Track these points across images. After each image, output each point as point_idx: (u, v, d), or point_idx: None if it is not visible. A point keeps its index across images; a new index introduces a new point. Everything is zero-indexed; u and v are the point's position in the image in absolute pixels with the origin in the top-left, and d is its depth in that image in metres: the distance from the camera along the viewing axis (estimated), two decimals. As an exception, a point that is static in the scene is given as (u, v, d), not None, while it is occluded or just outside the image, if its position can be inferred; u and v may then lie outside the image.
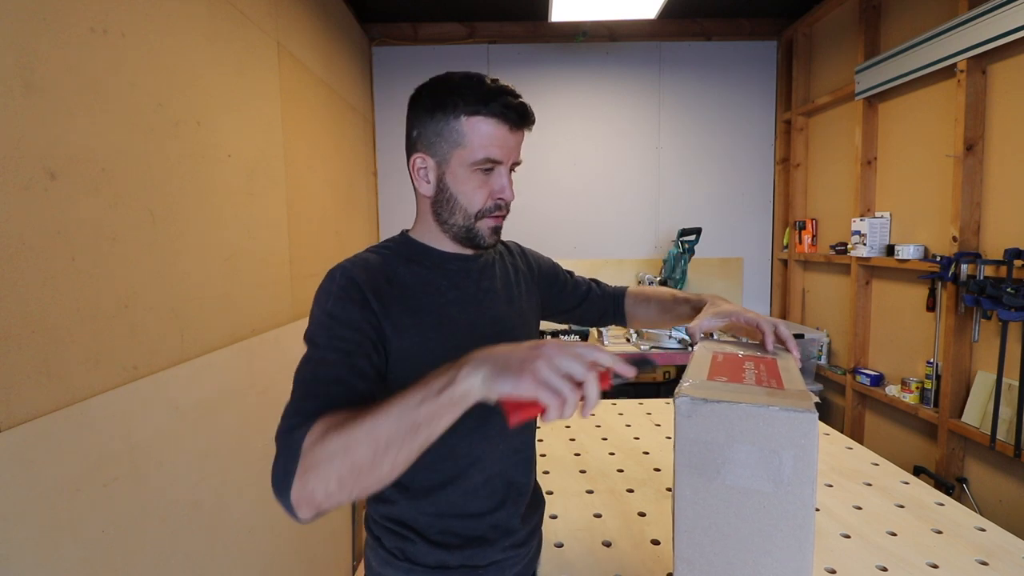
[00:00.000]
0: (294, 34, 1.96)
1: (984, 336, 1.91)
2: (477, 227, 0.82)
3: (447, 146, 0.78)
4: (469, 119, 0.77)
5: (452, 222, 0.82)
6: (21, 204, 0.82)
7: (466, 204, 0.81)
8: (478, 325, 0.85)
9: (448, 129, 0.78)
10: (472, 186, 0.80)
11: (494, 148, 0.77)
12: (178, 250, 1.21)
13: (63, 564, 0.86)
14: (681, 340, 2.77)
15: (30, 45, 0.84)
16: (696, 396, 0.58)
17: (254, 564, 1.48)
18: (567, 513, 1.10)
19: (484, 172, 0.79)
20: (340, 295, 0.75)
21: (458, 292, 0.85)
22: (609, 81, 3.22)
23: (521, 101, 0.78)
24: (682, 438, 0.59)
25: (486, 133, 0.77)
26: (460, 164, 0.78)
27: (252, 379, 1.52)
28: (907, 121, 2.30)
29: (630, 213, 3.29)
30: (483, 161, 0.78)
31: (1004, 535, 0.98)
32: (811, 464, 0.54)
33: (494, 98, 0.76)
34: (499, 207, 0.82)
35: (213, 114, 1.38)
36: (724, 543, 0.59)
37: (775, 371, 0.67)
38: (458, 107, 0.76)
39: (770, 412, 0.55)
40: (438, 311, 0.82)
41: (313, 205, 2.14)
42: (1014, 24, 1.72)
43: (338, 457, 0.58)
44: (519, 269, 1.02)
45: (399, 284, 0.81)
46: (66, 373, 0.89)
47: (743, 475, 0.57)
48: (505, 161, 0.80)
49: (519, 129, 0.80)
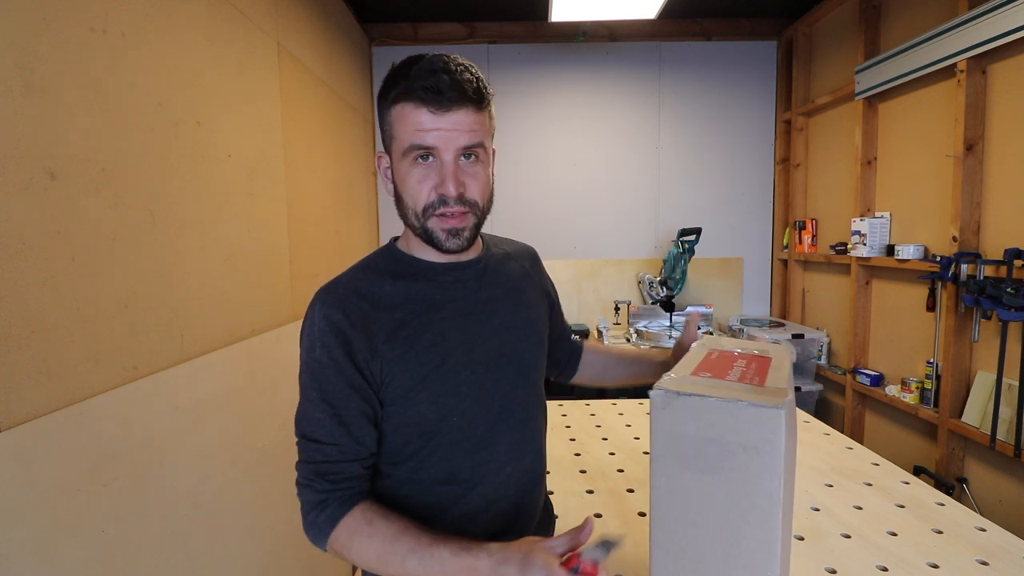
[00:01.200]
0: (294, 34, 1.96)
1: (984, 336, 1.91)
2: (429, 227, 0.74)
3: (388, 140, 0.75)
4: (395, 107, 0.71)
5: (410, 223, 0.77)
6: (21, 204, 0.82)
7: (410, 202, 0.74)
8: (477, 342, 0.79)
9: (385, 121, 0.74)
10: (413, 180, 0.73)
11: (419, 134, 0.70)
12: (178, 250, 1.21)
13: (63, 564, 0.86)
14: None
15: (30, 45, 0.84)
16: (670, 389, 0.60)
17: (254, 564, 1.48)
18: (567, 513, 1.10)
19: (423, 164, 0.72)
20: (323, 341, 0.73)
21: (454, 306, 0.79)
22: (609, 81, 3.22)
23: (448, 76, 0.68)
24: (656, 430, 0.61)
25: (410, 119, 0.70)
26: (398, 157, 0.74)
27: (252, 379, 1.52)
28: (907, 121, 2.30)
29: (630, 213, 3.29)
30: (411, 149, 0.71)
31: (1004, 535, 0.98)
32: (777, 458, 0.55)
33: (415, 79, 0.69)
34: (444, 202, 0.72)
35: (213, 114, 1.38)
36: (695, 532, 0.60)
37: (764, 369, 0.68)
38: (389, 95, 0.72)
39: (738, 407, 0.56)
40: (431, 333, 0.76)
41: (313, 205, 2.14)
42: (1014, 24, 1.72)
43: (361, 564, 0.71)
44: (528, 274, 0.93)
45: (386, 306, 0.76)
46: (66, 373, 0.89)
47: (712, 467, 0.58)
48: (441, 147, 0.71)
49: (451, 109, 0.69)
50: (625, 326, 3.12)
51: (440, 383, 0.76)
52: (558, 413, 1.69)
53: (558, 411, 1.70)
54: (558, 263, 3.29)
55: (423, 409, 0.76)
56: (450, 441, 0.78)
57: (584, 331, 2.98)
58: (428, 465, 0.79)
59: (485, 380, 0.80)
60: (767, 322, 3.14)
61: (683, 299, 3.21)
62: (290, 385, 0.75)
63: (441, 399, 0.76)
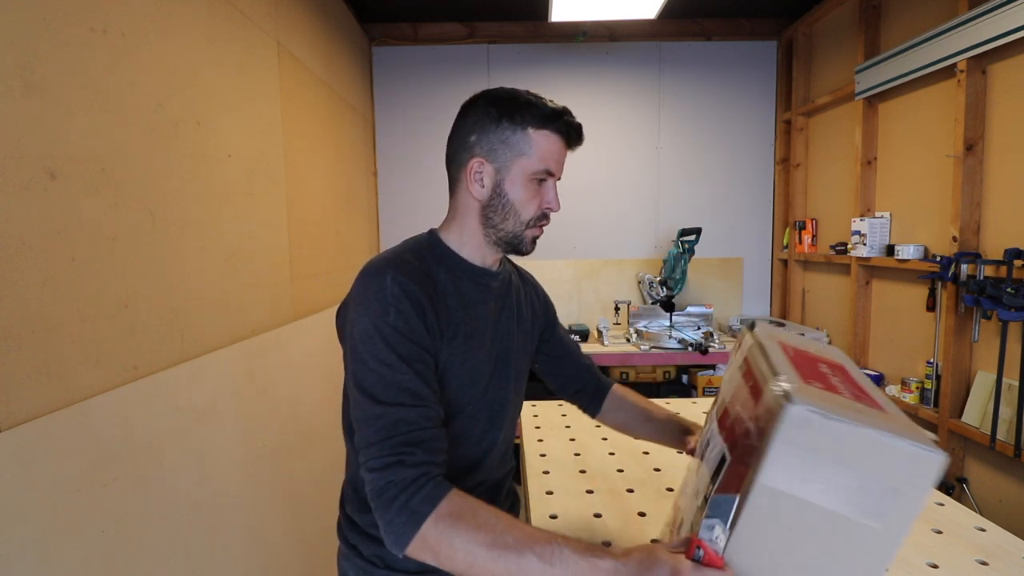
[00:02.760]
0: (294, 34, 1.96)
1: (984, 336, 1.91)
2: (524, 235, 0.86)
3: (511, 154, 0.82)
4: (537, 131, 0.82)
5: (503, 227, 0.85)
6: (21, 204, 0.82)
7: (520, 211, 0.84)
8: (495, 343, 0.89)
9: (515, 139, 0.82)
10: (528, 195, 0.83)
11: (552, 161, 0.83)
12: (178, 250, 1.21)
13: (63, 564, 0.86)
14: (681, 340, 2.77)
15: (30, 45, 0.84)
16: (814, 407, 0.51)
17: (254, 564, 1.48)
18: (567, 513, 1.10)
19: (538, 183, 0.84)
20: (399, 307, 0.74)
21: (483, 307, 0.87)
22: (609, 81, 3.22)
23: (580, 126, 0.85)
24: (781, 441, 0.52)
25: (549, 147, 0.82)
26: (521, 172, 0.82)
27: (252, 379, 1.52)
28: (907, 121, 2.30)
29: (630, 213, 3.29)
30: (542, 172, 0.83)
31: (1004, 535, 0.98)
32: (917, 505, 0.50)
33: (559, 116, 0.82)
34: (546, 216, 0.86)
35: (213, 114, 1.38)
36: (781, 558, 0.55)
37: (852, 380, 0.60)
38: (526, 120, 0.81)
39: (898, 444, 0.49)
40: (468, 326, 0.84)
41: (313, 205, 2.14)
42: (1014, 24, 1.72)
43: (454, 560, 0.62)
44: (530, 295, 1.03)
45: (442, 294, 0.82)
46: (66, 373, 0.89)
47: (837, 498, 0.51)
48: (557, 174, 0.85)
49: (573, 148, 0.86)
50: (625, 326, 3.12)
51: (470, 373, 0.84)
52: (557, 413, 1.69)
53: (557, 411, 1.70)
54: (558, 263, 3.29)
55: (450, 396, 0.82)
56: (459, 431, 0.84)
57: (584, 331, 2.98)
58: None
59: (498, 379, 0.89)
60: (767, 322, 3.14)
61: (683, 299, 3.21)
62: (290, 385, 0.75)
63: (465, 387, 0.83)
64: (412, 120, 3.18)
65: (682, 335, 2.83)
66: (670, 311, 2.95)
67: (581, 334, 2.95)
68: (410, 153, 3.20)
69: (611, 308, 3.20)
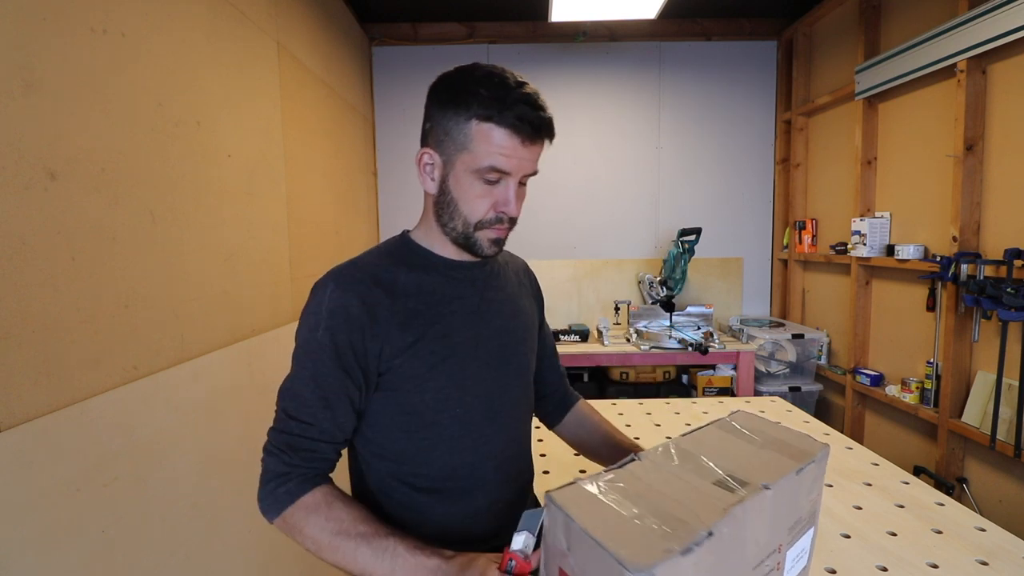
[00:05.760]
0: (294, 34, 1.96)
1: (984, 336, 1.91)
2: (476, 236, 0.77)
3: (454, 147, 0.74)
4: (480, 124, 0.71)
5: (452, 226, 0.78)
6: (21, 204, 0.82)
7: (466, 212, 0.76)
8: (482, 340, 0.82)
9: (457, 130, 0.72)
10: (474, 194, 0.75)
11: (501, 158, 0.72)
12: (178, 250, 1.21)
13: (63, 564, 0.86)
14: (681, 340, 2.77)
15: (30, 45, 0.84)
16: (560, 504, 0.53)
17: (254, 564, 1.48)
18: (567, 513, 1.10)
19: (488, 182, 0.74)
20: (329, 324, 0.72)
21: (462, 303, 0.81)
22: (609, 81, 3.22)
23: (540, 114, 0.72)
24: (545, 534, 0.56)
25: (496, 142, 0.71)
26: (464, 169, 0.74)
27: (252, 379, 1.52)
28: (907, 121, 2.30)
29: (630, 213, 3.29)
30: (487, 170, 0.72)
31: (1004, 535, 0.98)
32: None
33: (510, 106, 0.70)
34: (500, 220, 0.77)
35: (213, 114, 1.38)
36: None
37: None
38: (471, 108, 0.71)
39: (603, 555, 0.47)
40: (441, 324, 0.78)
41: (313, 205, 2.14)
42: (1014, 24, 1.72)
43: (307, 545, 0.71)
44: (523, 283, 0.97)
45: (401, 294, 0.77)
46: (66, 373, 0.89)
47: None
48: (514, 173, 0.74)
49: (534, 142, 0.74)
50: (625, 326, 3.12)
51: (447, 374, 0.78)
52: (558, 413, 1.68)
53: (558, 411, 1.70)
54: (558, 263, 3.29)
55: (428, 398, 0.77)
56: (451, 435, 0.80)
57: (584, 331, 2.98)
58: (432, 460, 0.80)
59: (488, 377, 0.82)
60: (767, 322, 3.14)
61: (683, 299, 3.21)
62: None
63: (446, 389, 0.78)
64: (412, 120, 3.17)
65: (682, 335, 2.83)
66: (670, 311, 2.95)
67: (581, 334, 2.95)
68: (410, 153, 3.19)
69: (611, 308, 3.20)
